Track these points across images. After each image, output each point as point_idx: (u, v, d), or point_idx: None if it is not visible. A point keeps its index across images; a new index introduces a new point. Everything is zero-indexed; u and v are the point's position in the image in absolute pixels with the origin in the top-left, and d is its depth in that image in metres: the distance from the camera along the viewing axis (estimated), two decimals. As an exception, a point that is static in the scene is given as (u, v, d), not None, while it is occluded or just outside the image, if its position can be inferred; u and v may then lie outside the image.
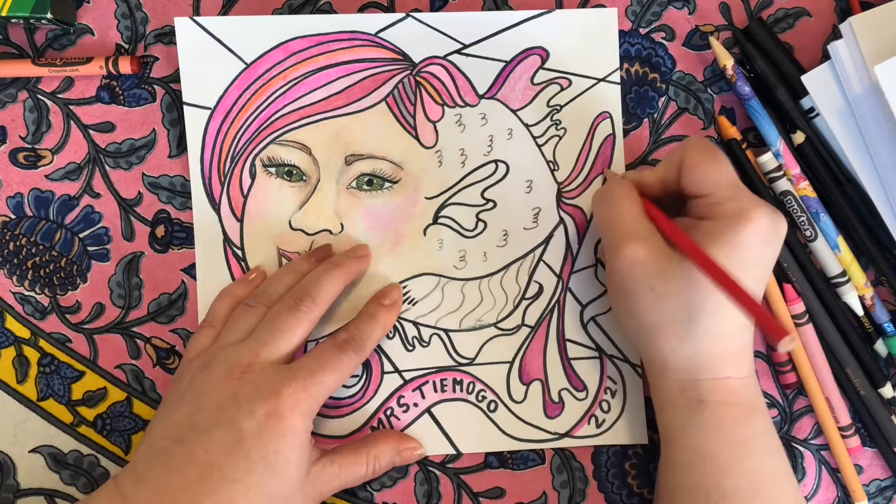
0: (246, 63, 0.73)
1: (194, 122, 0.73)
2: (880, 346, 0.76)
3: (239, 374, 0.64)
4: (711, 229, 0.62)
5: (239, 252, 0.73)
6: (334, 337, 0.68)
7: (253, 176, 0.73)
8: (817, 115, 0.73)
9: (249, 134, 0.73)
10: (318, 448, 0.68)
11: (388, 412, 0.74)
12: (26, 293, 0.73)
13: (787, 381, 0.75)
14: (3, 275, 0.73)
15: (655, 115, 0.76)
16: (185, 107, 0.72)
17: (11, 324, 0.73)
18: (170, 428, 0.63)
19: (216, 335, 0.69)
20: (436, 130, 0.74)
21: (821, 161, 0.74)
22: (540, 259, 0.75)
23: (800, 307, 0.74)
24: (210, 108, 0.73)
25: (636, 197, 0.67)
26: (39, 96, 0.73)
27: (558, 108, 0.74)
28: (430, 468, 0.74)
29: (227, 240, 0.73)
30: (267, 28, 0.73)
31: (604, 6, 0.75)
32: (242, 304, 0.69)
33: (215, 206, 0.73)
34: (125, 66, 0.72)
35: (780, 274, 0.74)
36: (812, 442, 0.76)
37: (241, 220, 0.73)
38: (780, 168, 0.74)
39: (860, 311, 0.75)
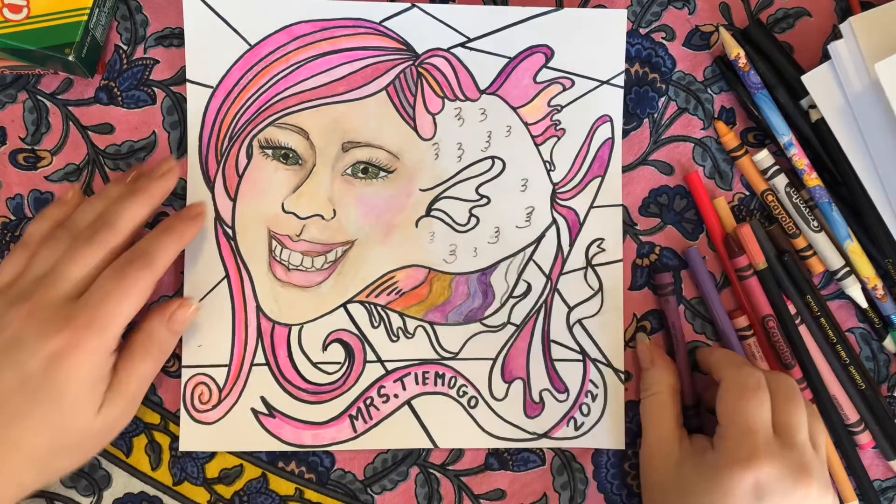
0: (250, 44, 0.73)
1: (196, 100, 0.73)
2: (889, 344, 0.76)
3: (26, 313, 0.63)
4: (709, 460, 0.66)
5: (229, 231, 0.73)
6: (118, 258, 0.66)
7: (249, 157, 0.73)
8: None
9: (249, 115, 0.73)
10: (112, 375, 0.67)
11: (368, 401, 0.74)
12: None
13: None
14: (4, 276, 0.72)
15: (655, 116, 0.76)
16: (187, 84, 0.73)
17: (11, 325, 0.73)
18: None
19: (30, 257, 0.67)
20: (434, 123, 0.74)
21: (829, 157, 0.74)
22: (530, 258, 0.75)
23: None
24: (212, 87, 0.73)
25: (673, 407, 0.72)
26: (39, 97, 0.73)
27: (559, 108, 0.74)
28: (431, 470, 0.74)
29: (218, 218, 0.73)
30: (272, 10, 0.73)
31: (604, 6, 0.75)
32: (48, 236, 0.68)
33: (209, 184, 0.73)
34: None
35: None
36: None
37: (234, 200, 0.73)
38: (775, 165, 0.74)
39: (864, 304, 0.75)
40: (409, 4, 0.74)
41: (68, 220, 0.68)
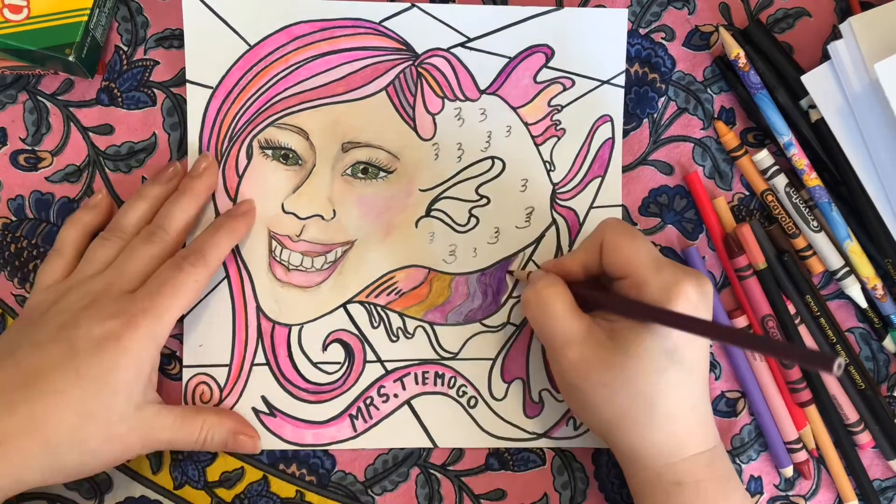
0: (249, 45, 0.73)
1: (196, 100, 0.73)
2: (888, 343, 0.76)
3: (88, 301, 0.64)
4: None
5: None
6: (175, 254, 0.69)
7: (249, 157, 0.73)
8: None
9: (249, 115, 0.73)
10: (159, 396, 0.69)
11: (368, 401, 0.74)
12: (27, 296, 0.72)
13: (800, 400, 0.75)
14: (5, 277, 0.73)
15: (655, 116, 0.76)
16: (187, 84, 0.73)
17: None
18: (9, 343, 0.65)
19: (66, 265, 0.69)
20: (434, 123, 0.74)
21: (829, 157, 0.74)
22: (530, 258, 0.75)
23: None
24: (212, 88, 0.73)
25: (564, 294, 0.66)
26: (39, 98, 0.73)
27: (559, 108, 0.74)
28: (431, 470, 0.74)
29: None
30: (272, 10, 0.73)
31: (604, 6, 0.75)
32: (99, 237, 0.69)
33: None
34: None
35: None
36: (811, 442, 0.76)
37: (233, 200, 0.73)
38: (775, 165, 0.74)
39: (863, 304, 0.75)
40: (408, 4, 0.74)
41: (114, 223, 0.70)
